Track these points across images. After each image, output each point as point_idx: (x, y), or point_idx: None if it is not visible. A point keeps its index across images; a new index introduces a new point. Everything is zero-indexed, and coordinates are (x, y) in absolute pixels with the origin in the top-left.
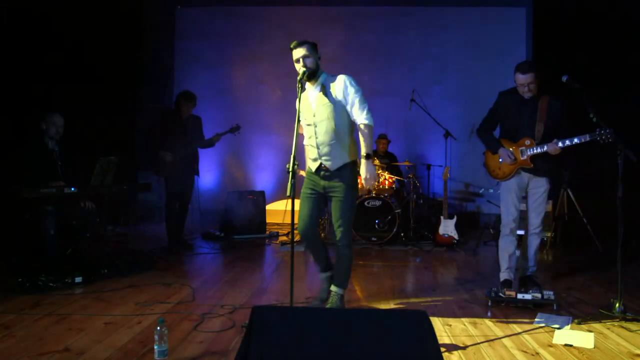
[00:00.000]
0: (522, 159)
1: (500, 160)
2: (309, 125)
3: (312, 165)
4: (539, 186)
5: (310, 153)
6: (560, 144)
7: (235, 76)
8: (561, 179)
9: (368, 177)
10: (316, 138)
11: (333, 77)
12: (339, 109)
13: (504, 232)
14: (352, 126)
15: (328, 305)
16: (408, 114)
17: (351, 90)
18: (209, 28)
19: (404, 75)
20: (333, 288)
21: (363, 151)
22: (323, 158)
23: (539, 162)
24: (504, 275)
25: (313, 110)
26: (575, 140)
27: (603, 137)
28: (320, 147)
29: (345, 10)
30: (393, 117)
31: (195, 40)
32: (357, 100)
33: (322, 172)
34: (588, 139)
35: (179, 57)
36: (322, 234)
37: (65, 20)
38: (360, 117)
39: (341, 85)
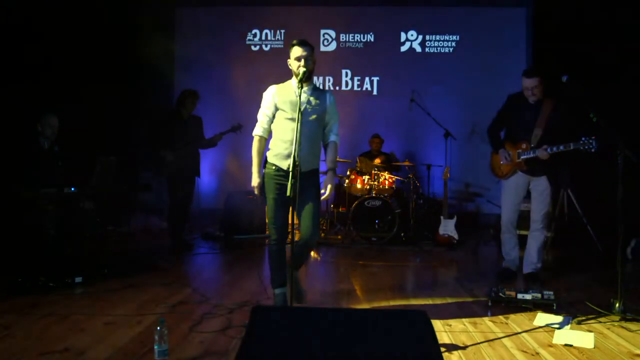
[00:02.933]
0: (517, 161)
1: (501, 161)
2: (291, 120)
3: (283, 164)
4: (539, 185)
5: (284, 149)
6: (548, 150)
7: (235, 76)
8: (561, 179)
9: (330, 187)
10: (296, 135)
11: (321, 88)
12: (323, 118)
13: (504, 228)
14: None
15: (288, 290)
16: (408, 114)
17: (334, 108)
18: (209, 28)
19: (404, 75)
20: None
21: (333, 165)
22: (299, 158)
23: (535, 164)
24: (504, 264)
25: (301, 108)
26: (562, 147)
27: (586, 147)
28: (299, 146)
29: (345, 10)
30: (393, 117)
31: (195, 40)
32: (336, 118)
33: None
34: (572, 147)
35: (179, 57)
36: (322, 234)
37: (65, 20)
38: (336, 135)
39: (330, 100)
